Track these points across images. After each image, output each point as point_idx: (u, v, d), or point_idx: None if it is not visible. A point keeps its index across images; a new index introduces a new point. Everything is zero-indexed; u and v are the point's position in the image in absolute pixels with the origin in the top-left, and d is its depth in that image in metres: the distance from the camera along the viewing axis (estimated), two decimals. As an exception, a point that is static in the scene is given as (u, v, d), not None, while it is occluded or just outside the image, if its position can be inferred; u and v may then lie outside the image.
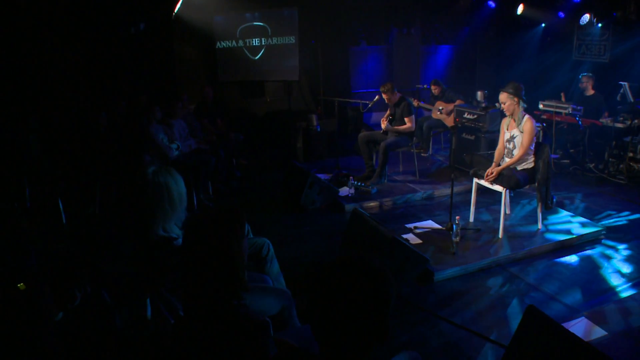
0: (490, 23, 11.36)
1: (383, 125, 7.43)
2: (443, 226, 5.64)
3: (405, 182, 7.49)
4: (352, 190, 6.94)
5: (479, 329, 3.90)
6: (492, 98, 9.70)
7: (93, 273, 3.30)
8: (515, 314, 4.12)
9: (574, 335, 3.02)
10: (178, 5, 9.18)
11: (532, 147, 5.36)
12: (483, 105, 9.15)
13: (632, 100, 8.75)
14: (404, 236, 5.43)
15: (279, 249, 4.69)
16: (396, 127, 7.35)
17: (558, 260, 5.09)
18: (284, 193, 7.11)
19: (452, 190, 5.43)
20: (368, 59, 11.57)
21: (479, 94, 9.37)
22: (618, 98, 9.02)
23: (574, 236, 5.43)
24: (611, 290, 4.50)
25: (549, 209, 5.46)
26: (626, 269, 4.90)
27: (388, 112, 7.62)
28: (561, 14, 9.42)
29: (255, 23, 10.00)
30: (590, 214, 6.24)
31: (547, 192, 5.36)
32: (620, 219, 6.16)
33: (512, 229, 5.63)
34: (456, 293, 4.48)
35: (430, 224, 5.87)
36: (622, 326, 3.91)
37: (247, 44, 10.10)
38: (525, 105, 5.43)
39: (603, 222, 5.95)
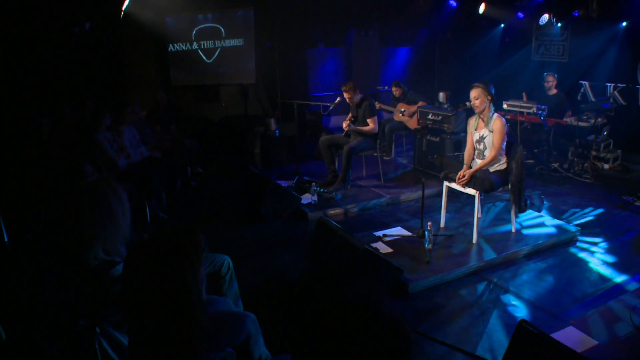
0: (448, 25, 11.26)
1: (345, 126, 7.10)
2: (414, 233, 5.33)
3: (369, 187, 7.18)
4: (315, 197, 6.56)
5: (462, 345, 3.59)
6: (455, 99, 9.59)
7: (22, 307, 2.80)
8: (498, 326, 3.85)
9: (570, 350, 2.75)
10: (126, 3, 8.60)
11: (504, 147, 5.13)
12: (446, 106, 9.00)
13: (593, 99, 8.77)
14: (373, 245, 5.07)
15: (240, 263, 4.30)
16: (358, 127, 7.04)
17: (536, 264, 4.88)
18: (243, 202, 6.68)
19: (422, 194, 5.14)
20: (326, 62, 11.25)
21: (441, 95, 9.24)
22: (579, 97, 9.06)
23: (550, 238, 5.24)
24: (593, 294, 4.30)
25: (523, 211, 5.24)
26: (605, 270, 4.74)
27: (350, 115, 7.31)
28: (520, 15, 9.35)
29: (209, 24, 9.55)
30: (562, 214, 6.12)
31: (520, 194, 5.14)
32: (590, 217, 6.05)
33: (486, 233, 5.38)
34: (434, 305, 4.17)
35: (399, 230, 5.55)
36: (610, 334, 3.69)
37: (201, 46, 9.63)
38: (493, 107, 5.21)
39: (576, 222, 5.81)
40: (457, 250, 4.98)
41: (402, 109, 8.75)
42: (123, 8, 8.65)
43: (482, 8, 9.08)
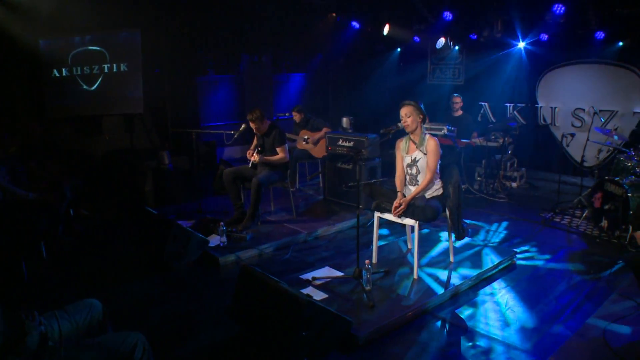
0: (344, 50, 11.04)
1: (253, 158, 6.32)
2: (346, 273, 4.70)
3: (282, 223, 6.48)
4: (224, 239, 5.73)
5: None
6: (357, 125, 9.26)
7: None
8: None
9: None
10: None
11: (438, 171, 4.71)
12: (350, 131, 8.60)
13: (493, 120, 8.85)
14: (303, 291, 4.37)
15: (151, 331, 3.40)
16: (269, 158, 6.35)
17: (485, 294, 4.51)
18: (140, 249, 5.66)
19: (357, 228, 4.53)
20: (218, 90, 10.52)
21: (345, 120, 8.87)
22: (479, 118, 9.10)
23: (491, 264, 4.92)
24: (555, 320, 3.98)
25: (462, 238, 4.83)
26: (555, 292, 4.51)
27: (254, 142, 6.60)
28: (417, 39, 9.30)
29: (88, 48, 8.37)
30: (491, 237, 5.96)
31: (459, 220, 4.72)
32: (519, 238, 5.89)
33: (423, 265, 4.90)
34: (392, 357, 3.54)
35: (328, 271, 4.89)
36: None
37: (81, 72, 8.40)
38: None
39: (507, 244, 5.68)
40: (400, 289, 4.42)
41: (306, 137, 8.21)
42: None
43: (386, 29, 8.87)
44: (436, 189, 4.71)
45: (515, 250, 5.31)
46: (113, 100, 8.52)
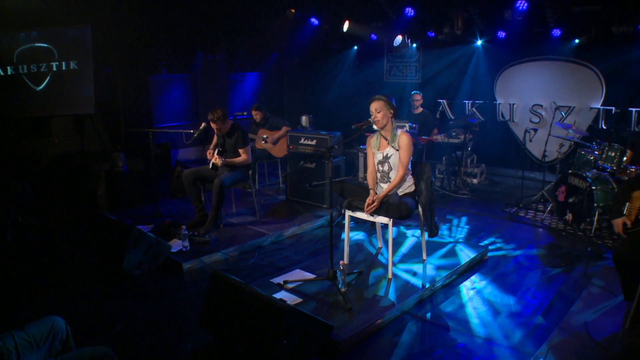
0: (300, 48, 10.88)
1: (215, 160, 6.05)
2: (319, 275, 4.55)
3: (245, 225, 6.27)
4: (187, 243, 5.47)
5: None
6: (316, 123, 9.14)
7: None
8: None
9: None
10: None
11: (410, 167, 4.62)
12: (309, 129, 8.47)
13: (452, 116, 8.89)
14: (275, 295, 4.18)
15: (116, 348, 3.12)
16: (232, 160, 6.11)
17: (463, 290, 4.47)
18: (98, 257, 5.32)
19: (331, 228, 4.38)
20: (171, 89, 10.15)
21: (304, 119, 8.74)
22: (437, 115, 9.13)
23: (463, 261, 4.89)
24: (537, 315, 3.98)
25: (435, 235, 4.75)
26: (532, 284, 4.53)
27: (214, 141, 6.34)
28: (374, 37, 9.25)
29: (37, 44, 7.86)
30: (459, 233, 5.96)
31: (431, 217, 4.65)
32: (486, 232, 5.93)
33: (396, 263, 4.81)
34: (376, 362, 3.42)
35: (300, 274, 4.72)
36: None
37: (28, 71, 7.88)
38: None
39: (475, 239, 5.66)
40: (376, 289, 4.30)
41: (265, 136, 8.02)
42: None
43: (346, 26, 8.76)
44: (409, 186, 4.63)
45: (486, 245, 5.32)
46: (62, 100, 8.06)
